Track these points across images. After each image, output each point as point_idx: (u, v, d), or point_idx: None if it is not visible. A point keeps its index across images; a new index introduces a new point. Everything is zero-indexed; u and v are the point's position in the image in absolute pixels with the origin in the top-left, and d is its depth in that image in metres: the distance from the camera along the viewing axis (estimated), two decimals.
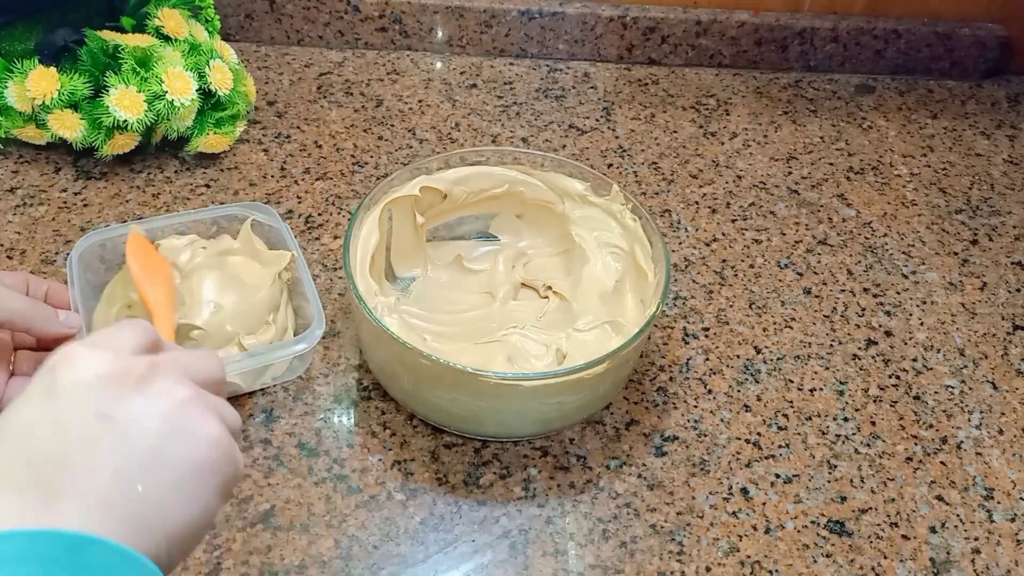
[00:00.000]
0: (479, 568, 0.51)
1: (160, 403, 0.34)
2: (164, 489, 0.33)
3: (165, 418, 0.34)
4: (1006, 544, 0.55)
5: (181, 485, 0.33)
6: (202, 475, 0.34)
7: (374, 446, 0.56)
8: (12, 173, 0.73)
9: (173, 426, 0.34)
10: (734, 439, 0.59)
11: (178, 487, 0.33)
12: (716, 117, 0.87)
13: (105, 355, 0.34)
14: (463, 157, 0.64)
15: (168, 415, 0.34)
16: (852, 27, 0.91)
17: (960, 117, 0.90)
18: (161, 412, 0.34)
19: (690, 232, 0.74)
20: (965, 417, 0.62)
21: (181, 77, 0.69)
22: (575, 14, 0.89)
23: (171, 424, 0.34)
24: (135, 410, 0.33)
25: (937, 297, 0.71)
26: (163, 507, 0.32)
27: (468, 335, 0.61)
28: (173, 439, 0.34)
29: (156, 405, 0.34)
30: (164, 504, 0.32)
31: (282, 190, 0.74)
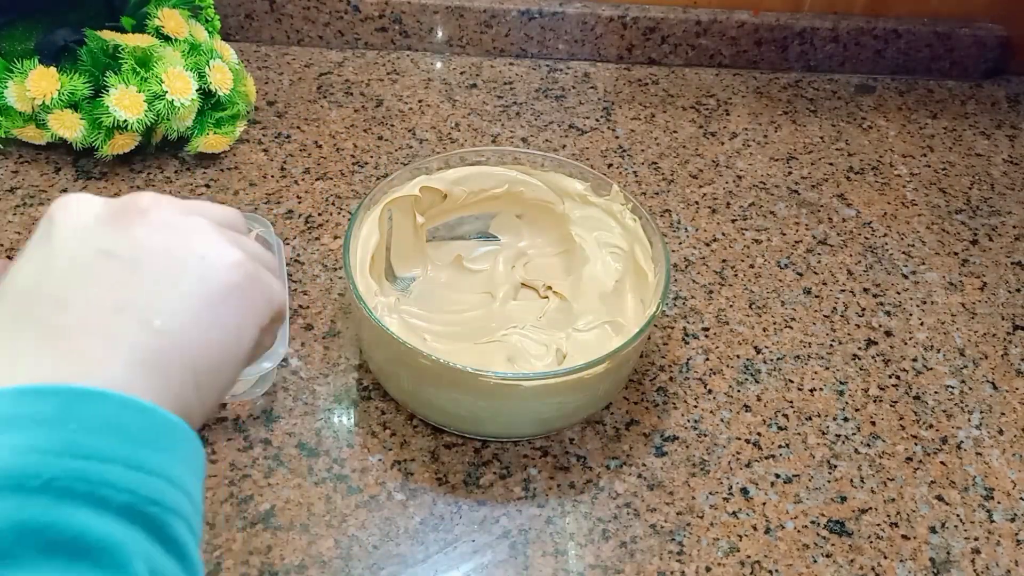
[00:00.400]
0: (479, 568, 0.51)
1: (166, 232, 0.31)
2: (181, 320, 0.30)
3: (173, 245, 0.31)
4: (1006, 544, 0.55)
5: (201, 313, 0.30)
6: (225, 301, 0.31)
7: (374, 446, 0.56)
8: (12, 173, 0.73)
9: (184, 252, 0.31)
10: (734, 439, 0.59)
11: (198, 316, 0.30)
12: (716, 117, 0.87)
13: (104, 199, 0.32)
14: (463, 157, 0.64)
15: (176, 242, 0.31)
16: (852, 27, 0.91)
17: (960, 117, 0.90)
18: (168, 240, 0.31)
19: (690, 232, 0.74)
20: (965, 417, 0.62)
21: (181, 77, 0.69)
22: (575, 14, 0.89)
23: (181, 250, 0.31)
24: (139, 241, 0.31)
25: (937, 297, 0.71)
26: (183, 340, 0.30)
27: (468, 335, 0.61)
28: (185, 266, 0.31)
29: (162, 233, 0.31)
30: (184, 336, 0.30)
31: (282, 190, 0.74)
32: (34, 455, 0.25)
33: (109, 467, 0.25)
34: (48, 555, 0.24)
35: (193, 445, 0.29)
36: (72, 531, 0.24)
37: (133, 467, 0.26)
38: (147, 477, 0.26)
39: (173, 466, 0.27)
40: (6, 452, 0.24)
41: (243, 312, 0.32)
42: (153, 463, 0.27)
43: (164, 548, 0.26)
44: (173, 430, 0.28)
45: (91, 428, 0.26)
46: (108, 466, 0.25)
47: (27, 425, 0.25)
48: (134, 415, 0.27)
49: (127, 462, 0.26)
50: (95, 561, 0.24)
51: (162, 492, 0.27)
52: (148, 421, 0.27)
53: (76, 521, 0.24)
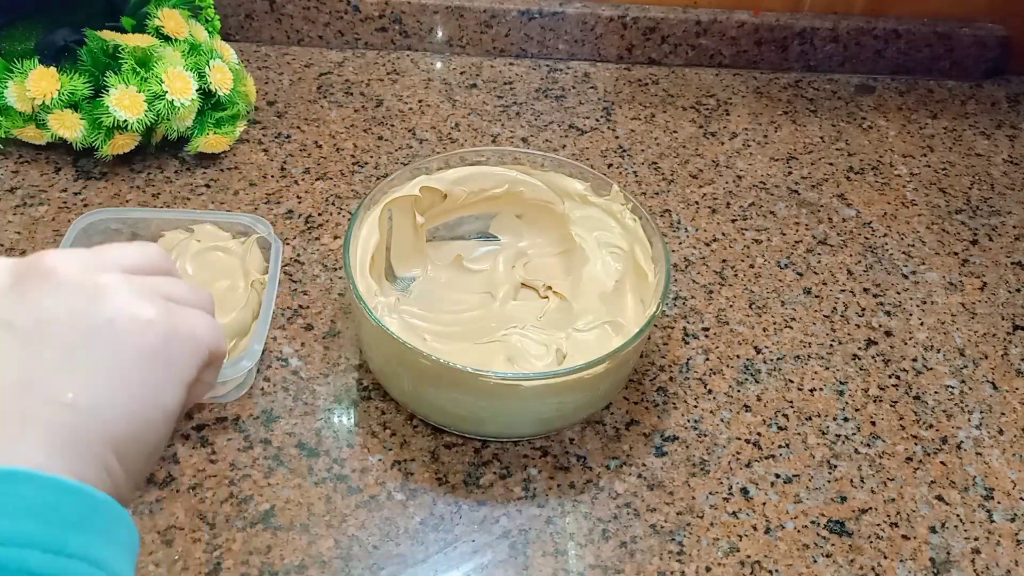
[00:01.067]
0: (479, 568, 0.51)
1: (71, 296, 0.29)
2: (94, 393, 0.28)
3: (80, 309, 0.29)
4: (1006, 544, 0.55)
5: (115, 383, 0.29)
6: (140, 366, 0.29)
7: (374, 446, 0.56)
8: (12, 173, 0.73)
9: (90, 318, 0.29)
10: (734, 439, 0.59)
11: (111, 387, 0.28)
12: (716, 117, 0.87)
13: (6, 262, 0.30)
14: (463, 157, 0.64)
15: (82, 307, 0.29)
16: (852, 27, 0.91)
17: (960, 117, 0.90)
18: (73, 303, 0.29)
19: (690, 232, 0.74)
20: (965, 417, 0.62)
21: (181, 77, 0.69)
22: (575, 14, 0.89)
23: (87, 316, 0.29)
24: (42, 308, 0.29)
25: (937, 297, 0.71)
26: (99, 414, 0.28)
27: (468, 335, 0.61)
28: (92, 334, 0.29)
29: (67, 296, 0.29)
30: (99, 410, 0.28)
31: (282, 190, 0.74)
32: None
33: (27, 553, 0.24)
34: None
35: (121, 522, 0.28)
36: None
37: (53, 551, 0.25)
38: (67, 561, 0.25)
39: (98, 547, 0.26)
40: None
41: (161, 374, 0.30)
42: (75, 546, 0.25)
43: None
44: (100, 508, 0.27)
45: (10, 511, 0.25)
46: (26, 552, 0.24)
47: None
48: (57, 496, 0.26)
49: (46, 546, 0.25)
50: None
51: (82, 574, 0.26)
52: (73, 501, 0.26)
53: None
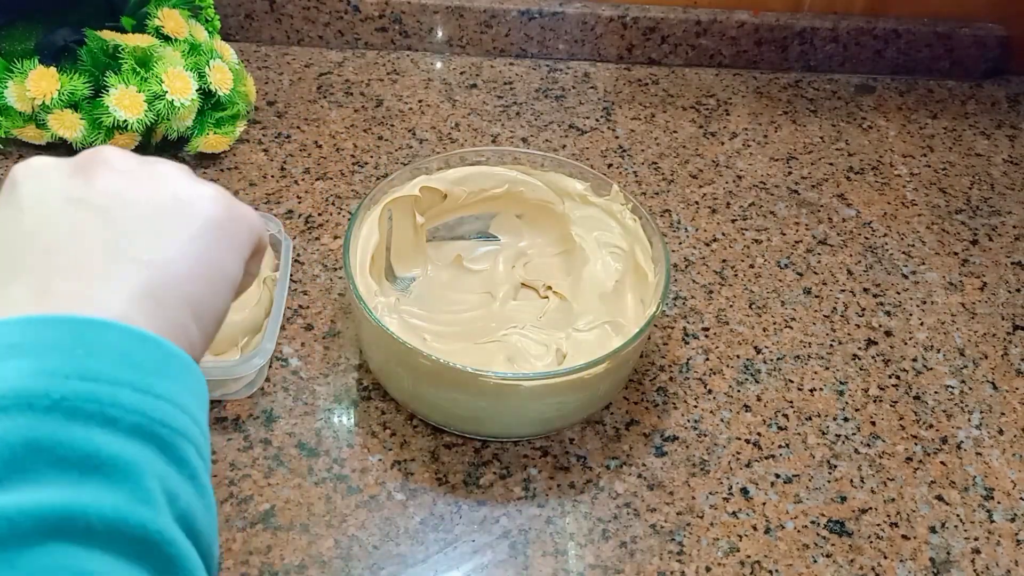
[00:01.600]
0: (479, 568, 0.51)
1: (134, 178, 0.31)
2: (169, 255, 0.30)
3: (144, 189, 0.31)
4: (1006, 544, 0.55)
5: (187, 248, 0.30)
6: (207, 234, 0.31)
7: (374, 446, 0.56)
8: None
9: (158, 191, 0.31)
10: (734, 439, 0.59)
11: (184, 251, 0.30)
12: (716, 117, 0.87)
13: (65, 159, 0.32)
14: (463, 157, 0.64)
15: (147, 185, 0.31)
16: (852, 27, 0.91)
17: (960, 117, 0.90)
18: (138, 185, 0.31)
19: (690, 232, 0.74)
20: (965, 417, 0.62)
21: (181, 77, 0.69)
22: (575, 14, 0.89)
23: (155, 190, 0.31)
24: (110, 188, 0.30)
25: (937, 297, 0.71)
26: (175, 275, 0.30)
27: (468, 335, 0.61)
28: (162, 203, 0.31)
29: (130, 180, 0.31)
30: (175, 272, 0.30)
31: (282, 190, 0.74)
32: (43, 377, 0.25)
33: (118, 389, 0.26)
34: (59, 470, 0.24)
35: (196, 376, 0.29)
36: (83, 448, 0.24)
37: (141, 390, 0.26)
38: (156, 400, 0.26)
39: (180, 393, 0.28)
40: (14, 374, 0.25)
41: (226, 243, 0.32)
42: (160, 389, 0.27)
43: (176, 468, 0.27)
44: (177, 361, 0.28)
45: (98, 354, 0.26)
46: (117, 388, 0.26)
47: (34, 351, 0.25)
48: (139, 344, 0.27)
49: (135, 386, 0.26)
50: (106, 476, 0.24)
51: (172, 416, 0.27)
52: (153, 350, 0.28)
53: (87, 439, 0.24)
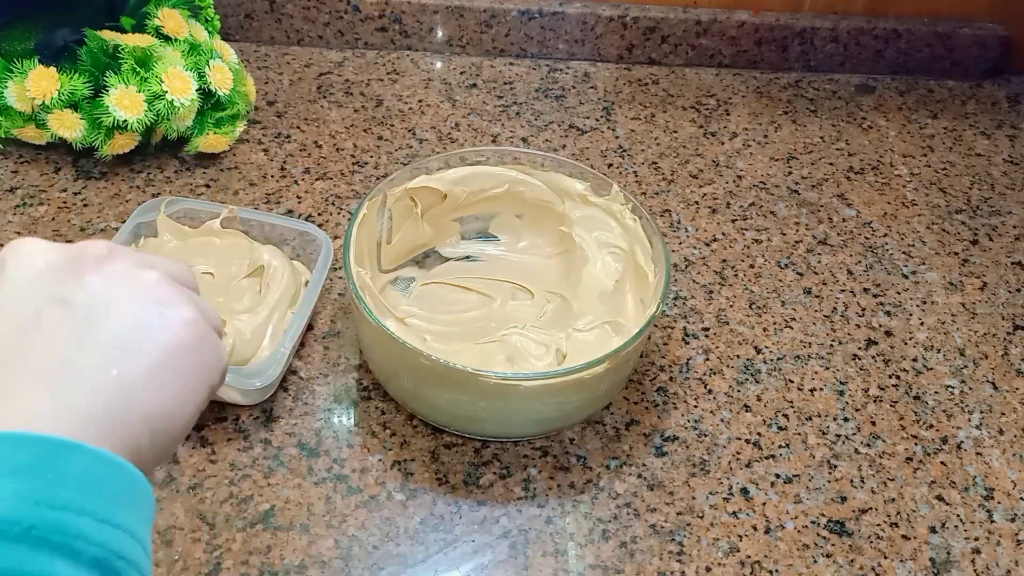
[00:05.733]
0: (479, 568, 0.51)
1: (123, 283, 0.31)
2: (138, 374, 0.30)
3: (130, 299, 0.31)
4: (1006, 544, 0.55)
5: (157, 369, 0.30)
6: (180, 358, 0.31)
7: (374, 446, 0.56)
8: (12, 173, 0.73)
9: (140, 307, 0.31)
10: (734, 439, 0.59)
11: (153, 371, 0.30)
12: (716, 117, 0.87)
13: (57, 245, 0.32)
14: (463, 157, 0.64)
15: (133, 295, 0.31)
16: (852, 27, 0.91)
17: (960, 117, 0.90)
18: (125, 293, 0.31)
19: (690, 232, 0.74)
20: (965, 417, 0.62)
21: (181, 77, 0.69)
22: (575, 14, 0.89)
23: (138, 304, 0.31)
24: (95, 292, 0.30)
25: (937, 297, 0.71)
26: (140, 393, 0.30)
27: (468, 335, 0.61)
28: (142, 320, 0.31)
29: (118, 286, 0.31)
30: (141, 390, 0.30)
31: (282, 190, 0.74)
32: (14, 501, 0.25)
33: (82, 520, 0.26)
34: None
35: (148, 497, 0.29)
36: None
37: (103, 521, 0.26)
38: (114, 531, 0.27)
39: (135, 521, 0.28)
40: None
41: (197, 370, 0.32)
42: (119, 518, 0.27)
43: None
44: (136, 485, 0.28)
45: (67, 480, 0.26)
46: (81, 519, 0.26)
47: (6, 472, 0.25)
48: (105, 470, 0.27)
49: (97, 515, 0.26)
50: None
51: (127, 547, 0.27)
52: (116, 476, 0.28)
53: (51, 572, 0.24)
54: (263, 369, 0.55)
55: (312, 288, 0.60)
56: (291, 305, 0.60)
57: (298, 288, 0.61)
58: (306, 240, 0.63)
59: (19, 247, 0.31)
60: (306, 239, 0.63)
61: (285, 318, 0.59)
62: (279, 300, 0.59)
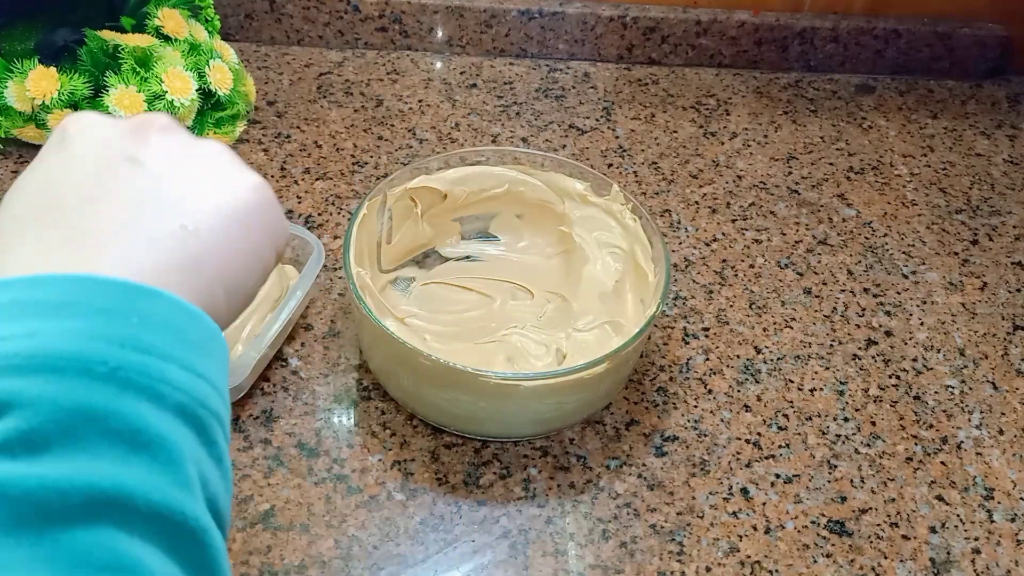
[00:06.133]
0: (479, 568, 0.51)
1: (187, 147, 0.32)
2: (209, 228, 0.30)
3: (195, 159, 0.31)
4: (1006, 544, 0.55)
5: (229, 225, 0.31)
6: (250, 217, 0.32)
7: (374, 446, 0.56)
8: (12, 173, 0.73)
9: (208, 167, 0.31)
10: (734, 439, 0.59)
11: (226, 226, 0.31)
12: (716, 117, 0.87)
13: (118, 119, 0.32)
14: (463, 157, 0.64)
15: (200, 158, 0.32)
16: (852, 27, 0.91)
17: (960, 117, 0.90)
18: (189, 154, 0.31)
19: (690, 232, 0.74)
20: (965, 417, 0.62)
21: (181, 77, 0.69)
22: (575, 14, 0.89)
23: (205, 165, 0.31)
24: (162, 151, 0.31)
25: (937, 297, 0.71)
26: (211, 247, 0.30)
27: (468, 335, 0.61)
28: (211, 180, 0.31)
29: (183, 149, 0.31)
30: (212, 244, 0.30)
31: (282, 190, 0.74)
32: (100, 343, 0.25)
33: (167, 365, 0.26)
34: (109, 442, 0.24)
35: (226, 353, 0.30)
36: (134, 423, 0.24)
37: (186, 368, 0.26)
38: (197, 380, 0.27)
39: (216, 372, 0.28)
40: (70, 335, 0.24)
41: (265, 230, 0.32)
42: (202, 368, 0.27)
43: (208, 451, 0.27)
44: (215, 338, 0.29)
45: (151, 325, 0.26)
46: (167, 364, 0.26)
47: (91, 313, 0.25)
48: (187, 319, 0.27)
49: (182, 363, 0.26)
50: (153, 456, 0.24)
51: (209, 396, 0.27)
52: (198, 326, 0.28)
53: (138, 413, 0.24)
54: None
55: (293, 293, 0.59)
56: (272, 309, 0.60)
57: (282, 292, 0.61)
58: (304, 243, 0.63)
59: (80, 117, 0.32)
60: (301, 242, 0.63)
61: (264, 321, 0.58)
62: (259, 303, 0.59)
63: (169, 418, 0.25)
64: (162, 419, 0.25)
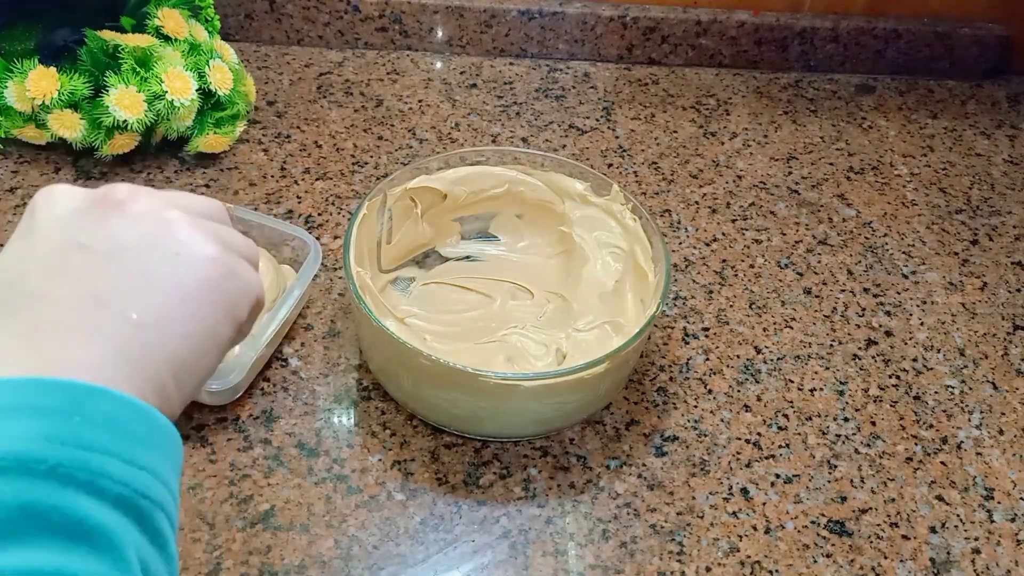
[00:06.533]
0: (479, 568, 0.51)
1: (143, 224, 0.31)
2: (159, 314, 0.30)
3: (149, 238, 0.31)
4: (1006, 544, 0.55)
5: (178, 308, 0.31)
6: (201, 296, 0.32)
7: (374, 446, 0.56)
8: (12, 173, 0.73)
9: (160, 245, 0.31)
10: (734, 439, 0.59)
11: (174, 311, 0.31)
12: (716, 117, 0.87)
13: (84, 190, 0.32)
14: (463, 157, 0.64)
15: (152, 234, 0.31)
16: (852, 27, 0.91)
17: (960, 117, 0.90)
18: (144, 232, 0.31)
19: (690, 232, 0.74)
20: (965, 417, 0.62)
21: (181, 77, 0.69)
22: (575, 14, 0.89)
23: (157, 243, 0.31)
24: (115, 233, 0.31)
25: (937, 297, 0.71)
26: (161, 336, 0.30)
27: (468, 335, 0.61)
28: (161, 260, 0.31)
29: (138, 226, 0.31)
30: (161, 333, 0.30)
31: (282, 190, 0.74)
32: (42, 442, 0.26)
33: (108, 460, 0.27)
34: (50, 536, 0.25)
35: (175, 442, 0.30)
36: (74, 516, 0.25)
37: (128, 462, 0.27)
38: (139, 472, 0.28)
39: (160, 463, 0.29)
40: (15, 437, 0.26)
41: (219, 307, 0.32)
42: (144, 460, 0.28)
43: (149, 539, 0.28)
44: (161, 429, 0.29)
45: (93, 422, 0.27)
46: (107, 459, 0.27)
47: (34, 414, 0.26)
48: (129, 414, 0.28)
49: (123, 457, 0.27)
50: (92, 545, 0.26)
51: (152, 488, 0.28)
52: (141, 420, 0.29)
53: (78, 507, 0.26)
54: (223, 373, 0.54)
55: (291, 293, 0.59)
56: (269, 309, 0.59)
57: (279, 292, 0.61)
58: (302, 243, 0.63)
59: (49, 192, 0.32)
60: (301, 243, 0.63)
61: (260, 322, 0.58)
62: None
63: (108, 509, 0.26)
64: (101, 510, 0.26)
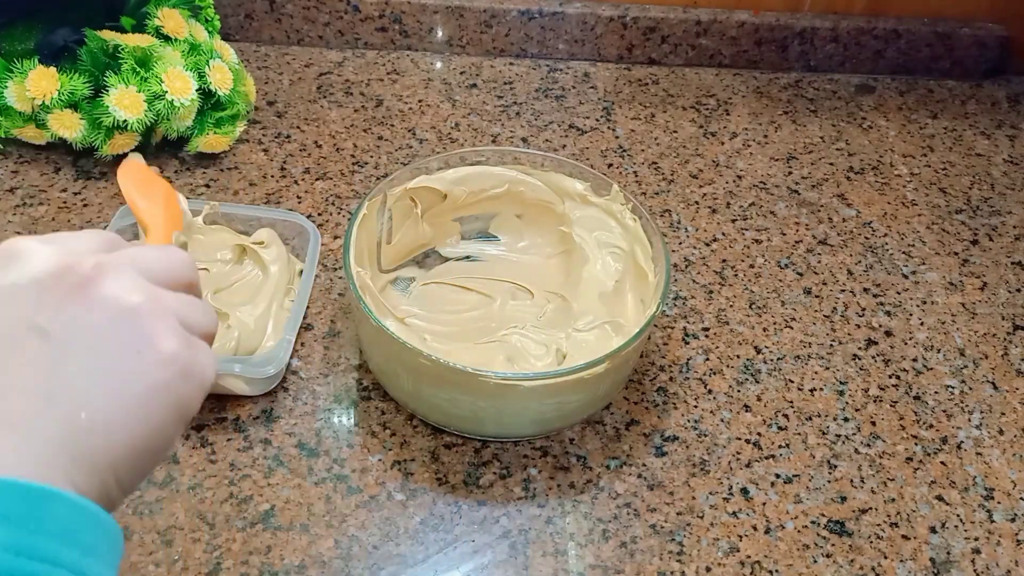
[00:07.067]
0: (479, 568, 0.51)
1: (102, 313, 0.30)
2: (109, 418, 0.29)
3: (107, 332, 0.30)
4: (1006, 544, 0.55)
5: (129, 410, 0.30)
6: (153, 398, 0.30)
7: (374, 446, 0.56)
8: (12, 173, 0.73)
9: (117, 341, 0.30)
10: (734, 439, 0.59)
11: (126, 413, 0.30)
12: (716, 117, 0.87)
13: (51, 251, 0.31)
14: (463, 157, 0.64)
15: (110, 328, 0.30)
16: (852, 27, 0.91)
17: (960, 117, 0.90)
18: (102, 324, 0.30)
19: (690, 232, 0.74)
20: (965, 417, 0.62)
21: (181, 77, 0.69)
22: (575, 14, 0.89)
23: (114, 339, 0.30)
24: (72, 321, 0.29)
25: (937, 297, 0.71)
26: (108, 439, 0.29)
27: (468, 335, 0.61)
28: (120, 357, 0.30)
29: (97, 315, 0.30)
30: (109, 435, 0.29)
31: (282, 190, 0.74)
32: None
33: (57, 572, 0.26)
34: None
35: (118, 543, 0.30)
36: None
37: (74, 573, 0.27)
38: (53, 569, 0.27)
39: (103, 570, 0.28)
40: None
41: (172, 409, 0.31)
42: (92, 570, 0.28)
43: None
44: (109, 535, 0.29)
45: (47, 531, 0.26)
46: (56, 571, 0.26)
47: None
48: (81, 519, 0.28)
49: (71, 568, 0.27)
50: None
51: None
52: (91, 525, 0.28)
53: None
54: (272, 357, 0.56)
55: (307, 276, 0.61)
56: (287, 295, 0.61)
57: (291, 277, 0.62)
58: (295, 231, 0.64)
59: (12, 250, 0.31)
60: (295, 231, 0.64)
61: (284, 307, 0.60)
62: (275, 291, 0.60)
63: None
64: None
